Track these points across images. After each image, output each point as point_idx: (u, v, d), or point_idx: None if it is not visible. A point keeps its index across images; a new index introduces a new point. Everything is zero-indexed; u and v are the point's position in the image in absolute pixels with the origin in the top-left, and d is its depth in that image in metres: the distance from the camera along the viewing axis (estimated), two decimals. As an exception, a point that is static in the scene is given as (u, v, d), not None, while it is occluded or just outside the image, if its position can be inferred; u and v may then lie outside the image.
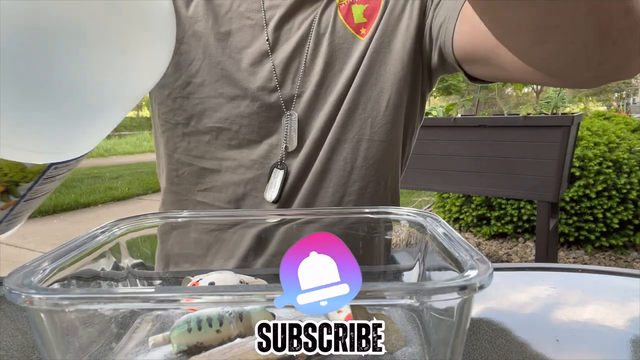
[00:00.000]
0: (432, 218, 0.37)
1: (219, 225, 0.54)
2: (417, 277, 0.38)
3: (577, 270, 0.53)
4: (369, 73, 0.60)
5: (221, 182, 0.62)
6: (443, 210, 2.99)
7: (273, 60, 0.60)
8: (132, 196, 5.12)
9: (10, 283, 0.24)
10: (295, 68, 0.61)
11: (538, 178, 1.98)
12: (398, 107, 0.62)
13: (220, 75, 0.60)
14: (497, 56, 0.49)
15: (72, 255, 0.30)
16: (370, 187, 0.62)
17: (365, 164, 0.61)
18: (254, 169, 0.61)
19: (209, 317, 0.31)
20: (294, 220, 0.43)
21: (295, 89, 0.61)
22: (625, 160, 2.43)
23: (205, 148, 0.62)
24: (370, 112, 0.61)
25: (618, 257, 2.53)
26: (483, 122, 2.11)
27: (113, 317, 0.33)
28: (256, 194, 0.61)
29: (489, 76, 0.56)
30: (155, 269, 0.59)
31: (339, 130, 0.60)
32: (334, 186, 0.61)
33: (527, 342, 0.36)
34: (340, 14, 0.62)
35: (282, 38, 0.61)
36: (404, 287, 0.23)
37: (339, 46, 0.61)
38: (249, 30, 0.61)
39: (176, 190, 0.64)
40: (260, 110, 0.60)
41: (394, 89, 0.61)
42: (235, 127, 0.60)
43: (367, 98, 0.61)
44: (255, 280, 0.39)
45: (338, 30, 0.61)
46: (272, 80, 0.60)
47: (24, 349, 0.37)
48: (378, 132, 0.61)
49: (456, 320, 0.25)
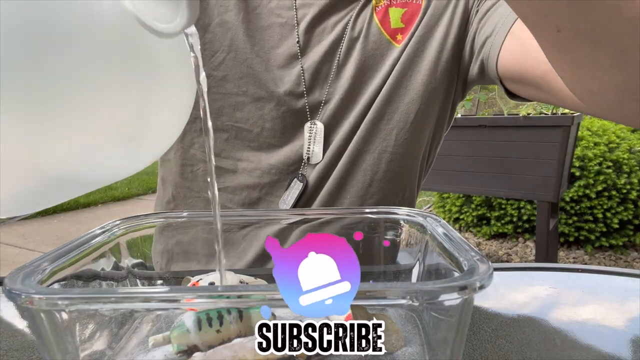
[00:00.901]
0: (432, 218, 0.37)
1: (226, 226, 0.52)
2: (417, 277, 0.38)
3: (577, 270, 0.53)
4: (399, 82, 0.57)
5: (236, 183, 0.59)
6: (443, 210, 2.98)
7: (302, 64, 0.57)
8: (132, 196, 5.11)
9: (10, 283, 0.24)
10: (325, 74, 0.57)
11: (538, 178, 1.98)
12: (426, 119, 0.58)
13: (246, 72, 0.57)
14: (550, 84, 0.46)
15: (72, 255, 0.30)
16: (388, 199, 0.60)
17: (385, 177, 0.59)
18: (271, 174, 0.58)
19: (209, 317, 0.31)
20: (295, 221, 0.43)
21: (322, 95, 0.57)
22: (625, 160, 2.43)
23: (222, 146, 0.59)
24: (396, 124, 0.57)
25: (618, 257, 2.53)
26: (483, 122, 2.11)
27: (113, 317, 0.33)
28: (271, 199, 0.59)
29: (534, 97, 0.53)
30: (154, 263, 0.59)
31: (362, 141, 0.57)
32: (350, 198, 0.59)
33: (527, 342, 0.36)
34: (376, 17, 0.57)
35: (313, 40, 0.58)
36: (404, 287, 0.23)
37: (372, 52, 0.57)
38: (278, 29, 0.58)
39: (189, 186, 0.62)
40: (285, 115, 0.57)
41: (424, 100, 0.57)
42: (257, 130, 0.58)
43: (395, 109, 0.57)
44: (255, 280, 0.39)
45: (373, 34, 0.57)
46: (300, 85, 0.57)
47: (24, 349, 0.37)
48: (402, 145, 0.58)
49: (456, 320, 0.25)
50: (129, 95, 0.24)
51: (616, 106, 0.33)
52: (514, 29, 0.50)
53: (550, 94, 0.48)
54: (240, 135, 0.58)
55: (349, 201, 0.59)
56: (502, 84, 0.55)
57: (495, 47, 0.52)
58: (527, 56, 0.48)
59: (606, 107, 0.35)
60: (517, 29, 0.50)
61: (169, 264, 0.58)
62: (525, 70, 0.49)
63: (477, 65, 0.56)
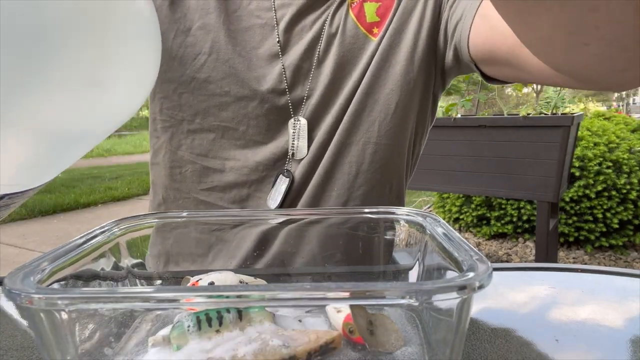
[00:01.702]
0: (432, 218, 0.37)
1: (220, 225, 0.53)
2: (416, 277, 0.38)
3: (577, 270, 0.53)
4: (377, 74, 0.58)
5: (224, 182, 0.61)
6: (443, 210, 2.99)
7: (283, 62, 0.58)
8: (132, 196, 5.12)
9: (10, 283, 0.24)
10: (305, 70, 0.59)
11: (538, 178, 1.98)
12: (407, 109, 0.60)
13: (228, 73, 0.58)
14: (518, 57, 0.47)
15: (72, 255, 0.30)
16: (375, 191, 0.61)
17: (371, 168, 0.60)
18: (258, 170, 0.60)
19: (208, 317, 0.31)
20: (296, 220, 0.43)
21: (304, 91, 0.59)
22: (625, 161, 2.43)
23: (209, 146, 0.60)
24: (377, 115, 0.59)
25: (618, 257, 2.53)
26: (483, 122, 2.11)
27: (113, 317, 0.33)
28: (260, 195, 0.60)
29: (508, 77, 0.54)
30: (152, 265, 0.59)
31: (345, 133, 0.59)
32: (337, 190, 0.60)
33: (526, 342, 0.36)
34: (352, 13, 0.59)
35: (293, 39, 0.59)
36: (404, 287, 0.23)
37: (350, 47, 0.59)
38: (259, 30, 0.59)
39: (178, 187, 0.63)
40: (268, 112, 0.59)
41: (404, 90, 0.58)
42: (243, 128, 0.59)
43: (375, 100, 0.59)
44: (255, 280, 0.39)
45: (349, 29, 0.59)
46: (282, 83, 0.58)
47: (24, 349, 0.37)
48: (385, 135, 0.59)
49: (456, 320, 0.25)
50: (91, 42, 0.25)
51: (568, 54, 0.33)
52: (480, 9, 0.51)
53: (520, 69, 0.49)
54: (226, 135, 0.60)
55: (337, 193, 0.60)
56: (477, 68, 0.56)
57: (465, 30, 0.53)
58: (494, 32, 0.49)
59: (560, 57, 0.35)
60: (484, 7, 0.51)
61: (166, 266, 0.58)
62: (494, 46, 0.50)
63: (452, 51, 0.58)
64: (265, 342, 0.29)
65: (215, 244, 0.56)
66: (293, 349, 0.29)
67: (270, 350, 0.28)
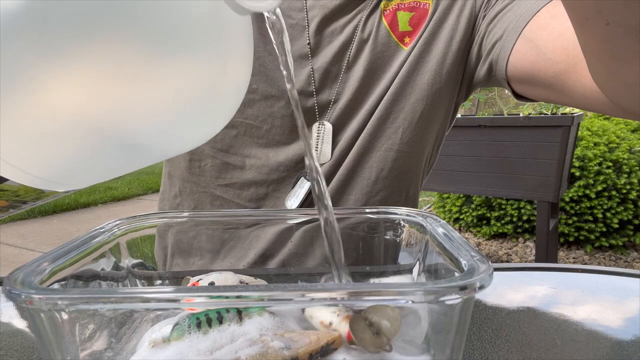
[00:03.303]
0: (432, 218, 0.37)
1: (228, 224, 0.53)
2: (417, 277, 0.38)
3: (577, 270, 0.53)
4: (405, 83, 0.58)
5: (243, 179, 0.60)
6: (443, 210, 2.98)
7: (312, 65, 0.58)
8: (132, 196, 5.12)
9: (10, 283, 0.24)
10: (334, 74, 0.59)
11: (538, 178, 1.98)
12: (431, 119, 0.60)
13: (257, 70, 0.58)
14: (563, 83, 0.47)
15: (72, 255, 0.30)
16: (392, 197, 0.61)
17: (390, 175, 0.60)
18: (279, 171, 0.59)
19: (208, 318, 0.31)
20: (296, 221, 0.43)
21: (332, 95, 0.59)
22: (625, 161, 2.43)
23: (231, 142, 0.60)
24: (401, 122, 0.59)
25: (618, 257, 2.53)
26: (483, 122, 2.11)
27: (113, 317, 0.33)
28: (278, 195, 0.60)
29: (542, 97, 0.54)
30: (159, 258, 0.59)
31: (369, 139, 0.59)
32: (355, 194, 0.60)
33: (527, 342, 0.36)
34: (385, 21, 0.59)
35: (323, 42, 0.59)
36: (404, 287, 0.23)
37: (380, 54, 0.59)
38: (289, 30, 0.59)
39: (196, 181, 0.62)
40: (294, 113, 0.59)
41: (429, 100, 0.59)
42: (267, 127, 0.59)
43: (401, 108, 0.59)
44: (255, 280, 0.39)
45: (381, 37, 0.59)
46: (310, 85, 0.58)
47: (24, 349, 0.37)
48: (407, 143, 0.59)
49: (456, 320, 0.25)
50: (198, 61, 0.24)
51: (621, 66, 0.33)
52: (525, 32, 0.52)
53: (562, 93, 0.49)
54: (249, 132, 0.59)
55: (355, 198, 0.60)
56: (509, 85, 0.56)
57: (505, 50, 0.53)
58: (540, 57, 0.49)
59: (638, 99, 0.35)
60: (529, 31, 0.51)
61: (173, 259, 0.58)
62: (538, 70, 0.50)
63: (485, 67, 0.58)
64: (266, 345, 0.29)
65: (228, 241, 0.56)
66: (294, 350, 0.29)
67: (272, 353, 0.28)
